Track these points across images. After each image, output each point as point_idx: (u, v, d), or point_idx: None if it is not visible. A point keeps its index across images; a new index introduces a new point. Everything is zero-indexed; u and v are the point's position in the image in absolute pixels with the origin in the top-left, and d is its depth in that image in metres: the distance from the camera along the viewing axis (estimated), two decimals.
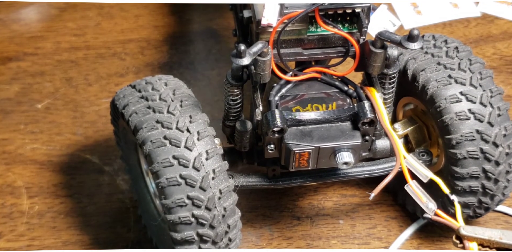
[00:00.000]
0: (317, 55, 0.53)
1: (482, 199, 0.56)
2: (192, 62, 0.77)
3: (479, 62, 0.55)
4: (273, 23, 0.50)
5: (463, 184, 0.55)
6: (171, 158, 0.51)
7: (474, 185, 0.55)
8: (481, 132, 0.53)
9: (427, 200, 0.49)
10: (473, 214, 0.58)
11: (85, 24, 0.80)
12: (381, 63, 0.51)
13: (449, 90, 0.54)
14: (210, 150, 0.52)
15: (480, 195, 0.55)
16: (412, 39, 0.47)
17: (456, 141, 0.53)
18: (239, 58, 0.47)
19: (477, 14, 0.79)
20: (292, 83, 0.53)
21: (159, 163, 0.51)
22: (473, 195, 0.55)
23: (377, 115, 0.51)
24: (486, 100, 0.54)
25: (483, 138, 0.53)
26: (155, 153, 0.51)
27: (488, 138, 0.53)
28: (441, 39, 0.57)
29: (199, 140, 0.52)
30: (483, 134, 0.53)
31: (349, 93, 0.53)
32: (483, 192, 0.55)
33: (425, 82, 0.54)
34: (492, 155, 0.53)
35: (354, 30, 0.51)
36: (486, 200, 0.56)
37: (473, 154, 0.53)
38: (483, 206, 0.57)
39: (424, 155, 0.57)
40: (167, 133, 0.52)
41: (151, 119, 0.52)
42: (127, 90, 0.56)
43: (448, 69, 0.55)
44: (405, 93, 0.58)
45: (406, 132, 0.58)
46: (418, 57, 0.56)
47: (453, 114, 0.53)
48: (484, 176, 0.54)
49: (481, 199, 0.56)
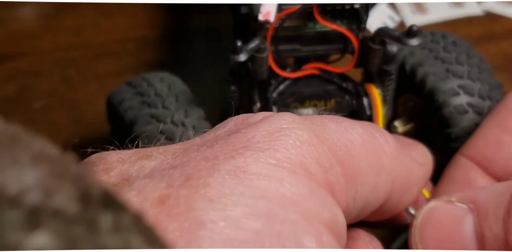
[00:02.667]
0: (315, 52, 0.52)
1: None
2: (190, 61, 0.76)
3: (477, 57, 0.55)
4: (270, 19, 0.49)
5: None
6: None
7: None
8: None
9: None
10: None
11: (83, 23, 0.79)
12: (380, 60, 0.50)
13: (447, 84, 0.53)
14: None
15: None
16: (412, 35, 0.47)
17: (455, 135, 0.53)
18: (235, 55, 0.47)
19: (480, 13, 0.78)
20: (290, 80, 0.52)
21: None
22: None
23: (373, 112, 0.50)
24: (485, 93, 0.53)
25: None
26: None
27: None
28: (439, 34, 0.56)
29: (195, 135, 0.51)
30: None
31: (348, 90, 0.52)
32: None
33: (423, 77, 0.54)
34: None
35: (352, 27, 0.51)
36: None
37: None
38: None
39: None
40: (162, 127, 0.51)
41: (146, 114, 0.52)
42: (123, 88, 0.55)
43: (446, 63, 0.54)
44: (404, 90, 0.57)
45: (406, 129, 0.57)
46: (415, 53, 0.55)
47: (452, 108, 0.52)
48: None
49: None
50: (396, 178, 0.40)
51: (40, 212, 0.18)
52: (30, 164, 0.19)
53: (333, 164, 0.35)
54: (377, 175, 0.38)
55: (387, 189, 0.39)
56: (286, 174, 0.33)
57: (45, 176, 0.19)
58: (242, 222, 0.30)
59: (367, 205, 0.39)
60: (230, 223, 0.30)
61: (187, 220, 0.29)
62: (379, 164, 0.38)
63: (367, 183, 0.37)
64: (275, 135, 0.34)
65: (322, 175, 0.34)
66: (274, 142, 0.33)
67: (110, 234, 0.19)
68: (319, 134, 0.36)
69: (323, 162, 0.35)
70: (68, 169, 0.20)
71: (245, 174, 0.32)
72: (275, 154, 0.33)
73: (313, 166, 0.34)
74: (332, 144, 0.36)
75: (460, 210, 0.40)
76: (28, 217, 0.17)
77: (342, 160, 0.36)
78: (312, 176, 0.34)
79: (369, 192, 0.38)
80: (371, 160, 0.38)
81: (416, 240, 0.41)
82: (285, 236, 0.30)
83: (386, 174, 0.39)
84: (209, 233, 0.29)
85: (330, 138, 0.36)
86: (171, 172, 0.32)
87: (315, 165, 0.34)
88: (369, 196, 0.38)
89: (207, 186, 0.31)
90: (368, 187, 0.37)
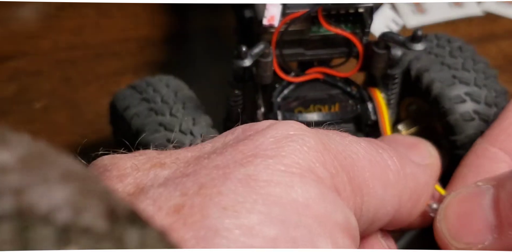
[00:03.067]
0: (319, 56, 0.52)
1: None
2: (191, 61, 0.76)
3: (482, 62, 0.55)
4: (275, 24, 0.49)
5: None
6: None
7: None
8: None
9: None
10: None
11: (83, 23, 0.79)
12: (384, 64, 0.50)
13: (454, 90, 0.53)
14: None
15: None
16: (416, 40, 0.47)
17: (460, 142, 0.53)
18: (240, 60, 0.47)
19: (480, 13, 0.78)
20: (294, 85, 0.52)
21: None
22: None
23: (379, 116, 0.50)
24: (491, 100, 0.53)
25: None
26: None
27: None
28: (444, 38, 0.57)
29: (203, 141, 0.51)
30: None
31: (352, 94, 0.52)
32: None
33: (429, 83, 0.54)
34: None
35: (356, 31, 0.51)
36: None
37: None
38: None
39: None
40: (170, 136, 0.51)
41: (153, 122, 0.52)
42: (127, 92, 0.55)
43: (452, 69, 0.54)
44: (408, 93, 0.57)
45: (410, 132, 0.58)
46: (421, 57, 0.55)
47: (458, 115, 0.53)
48: None
49: None
50: (403, 192, 0.40)
51: (70, 229, 0.18)
52: (60, 182, 0.19)
53: (339, 171, 0.36)
54: (384, 188, 0.38)
55: (395, 203, 0.39)
56: (296, 179, 0.33)
57: (74, 193, 0.19)
58: (257, 229, 0.30)
59: (375, 220, 0.39)
60: (245, 230, 0.30)
61: (203, 228, 0.29)
62: (384, 177, 0.38)
63: (373, 195, 0.38)
64: (282, 141, 0.34)
65: (329, 180, 0.35)
66: (282, 148, 0.34)
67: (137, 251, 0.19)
68: (325, 142, 0.36)
69: (329, 168, 0.35)
70: (94, 186, 0.20)
71: (257, 181, 0.32)
72: (284, 160, 0.33)
73: (321, 170, 0.34)
74: (338, 153, 0.36)
75: (483, 189, 0.41)
76: (59, 234, 0.18)
77: (348, 169, 0.36)
78: (321, 180, 0.34)
79: (377, 205, 0.38)
80: (376, 173, 0.38)
81: (440, 218, 0.41)
82: (300, 241, 0.31)
83: (392, 188, 0.39)
84: (225, 241, 0.29)
85: (335, 147, 0.36)
86: (184, 180, 0.32)
87: (322, 170, 0.35)
88: (377, 209, 0.38)
89: (220, 194, 0.31)
90: (374, 199, 0.38)
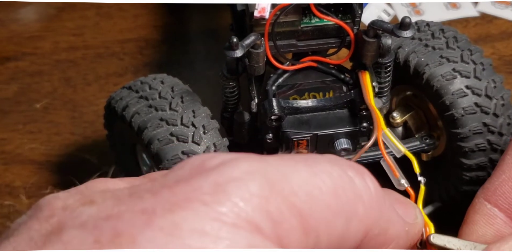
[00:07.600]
0: (311, 46, 0.53)
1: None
2: (191, 62, 0.76)
3: (478, 52, 0.56)
4: (266, 15, 0.50)
5: (470, 174, 0.55)
6: (181, 154, 0.51)
7: (481, 174, 0.55)
8: (488, 124, 0.54)
9: (400, 176, 0.47)
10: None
11: (83, 24, 0.80)
12: (374, 52, 0.51)
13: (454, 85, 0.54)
14: (217, 142, 0.52)
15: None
16: (404, 27, 0.47)
17: (463, 135, 0.54)
18: (231, 51, 0.48)
19: (476, 14, 0.79)
20: (289, 73, 0.53)
21: (169, 160, 0.51)
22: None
23: (363, 89, 0.51)
24: (491, 92, 0.54)
25: (490, 130, 0.54)
26: (164, 151, 0.51)
27: (493, 129, 0.54)
28: (437, 27, 0.58)
29: (205, 134, 0.52)
30: (489, 126, 0.54)
31: (345, 80, 0.53)
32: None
33: (430, 77, 0.55)
34: (498, 145, 0.54)
35: (347, 20, 0.51)
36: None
37: (481, 147, 0.54)
38: None
39: (427, 138, 0.57)
40: (173, 129, 0.51)
41: (154, 118, 0.52)
42: (124, 92, 0.56)
43: (452, 62, 0.55)
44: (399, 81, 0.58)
45: (405, 118, 0.58)
46: (419, 51, 0.56)
47: (460, 109, 0.53)
48: (491, 165, 0.55)
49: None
50: (371, 227, 0.37)
51: None
52: None
53: (287, 217, 0.33)
54: (346, 222, 0.36)
55: (358, 237, 0.37)
56: (225, 229, 0.31)
57: None
58: None
59: (340, 246, 0.36)
60: None
61: None
62: (350, 211, 0.36)
63: (332, 231, 0.35)
64: (223, 186, 0.32)
65: (271, 229, 0.33)
66: (220, 194, 0.32)
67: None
68: (275, 184, 0.33)
69: (274, 216, 0.32)
70: None
71: (181, 230, 0.30)
72: (218, 207, 0.31)
73: (261, 219, 0.32)
74: (290, 194, 0.33)
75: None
76: None
77: (300, 211, 0.34)
78: (258, 230, 0.32)
79: (336, 240, 0.36)
80: (341, 207, 0.35)
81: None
82: None
83: (358, 221, 0.36)
84: None
85: (289, 187, 0.33)
86: (103, 224, 0.31)
87: (264, 219, 0.32)
88: (338, 242, 0.36)
89: (133, 244, 0.30)
90: (334, 235, 0.36)
